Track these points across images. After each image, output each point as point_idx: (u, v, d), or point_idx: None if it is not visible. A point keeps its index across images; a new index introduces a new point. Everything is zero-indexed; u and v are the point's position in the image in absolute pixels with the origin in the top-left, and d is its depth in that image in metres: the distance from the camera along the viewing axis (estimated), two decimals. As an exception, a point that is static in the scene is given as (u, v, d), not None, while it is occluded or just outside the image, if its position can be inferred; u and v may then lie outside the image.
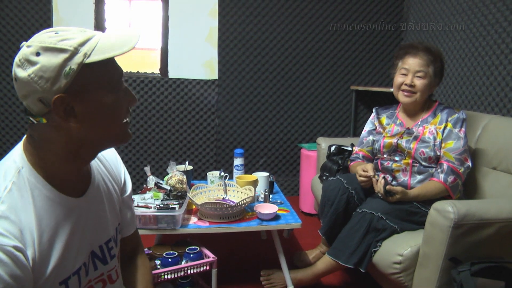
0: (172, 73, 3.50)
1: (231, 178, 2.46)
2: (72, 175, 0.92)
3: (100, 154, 1.06)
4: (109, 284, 1.05)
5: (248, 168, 3.65)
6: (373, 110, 2.32)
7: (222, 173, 2.36)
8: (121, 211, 1.13)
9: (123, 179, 1.14)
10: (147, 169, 2.29)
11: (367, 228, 1.89)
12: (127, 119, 0.94)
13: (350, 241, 1.92)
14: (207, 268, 1.93)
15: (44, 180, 0.85)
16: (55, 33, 0.81)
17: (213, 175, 2.42)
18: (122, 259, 1.20)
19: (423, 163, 2.00)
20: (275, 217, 2.05)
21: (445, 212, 1.56)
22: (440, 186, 1.93)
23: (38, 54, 0.79)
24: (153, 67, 3.66)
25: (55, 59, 0.78)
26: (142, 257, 1.27)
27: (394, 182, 2.06)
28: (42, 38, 0.80)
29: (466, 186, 2.10)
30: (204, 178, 3.42)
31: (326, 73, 3.65)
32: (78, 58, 0.80)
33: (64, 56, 0.79)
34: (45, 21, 3.37)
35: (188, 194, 2.07)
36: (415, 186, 2.01)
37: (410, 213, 1.93)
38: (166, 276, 1.82)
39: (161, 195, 2.05)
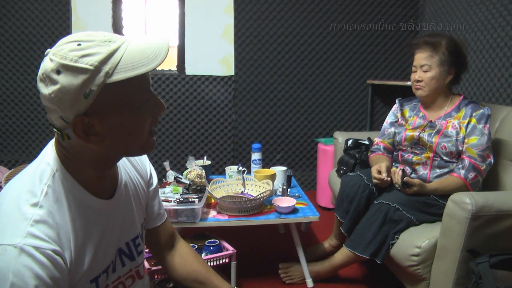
0: (189, 70, 3.54)
1: (248, 172, 2.49)
2: (101, 178, 0.92)
3: None
4: (138, 280, 1.09)
5: (266, 163, 3.68)
6: (396, 101, 2.31)
7: (240, 168, 2.39)
8: (148, 203, 1.16)
9: (149, 172, 1.15)
10: (166, 164, 2.33)
11: (384, 219, 1.90)
12: (154, 128, 0.92)
13: (367, 232, 1.93)
14: (227, 260, 1.97)
15: (77, 183, 0.86)
16: (78, 45, 0.76)
17: (231, 169, 2.45)
18: (162, 250, 1.24)
19: (444, 158, 1.99)
20: (293, 211, 2.07)
21: (462, 203, 1.56)
22: (459, 182, 1.92)
23: (58, 72, 0.75)
24: (170, 64, 3.70)
25: (75, 80, 0.74)
26: (183, 242, 1.29)
27: (413, 175, 2.06)
28: (64, 51, 0.76)
29: (485, 178, 2.08)
30: (222, 173, 3.46)
31: (342, 67, 3.65)
32: (99, 79, 0.75)
33: (84, 77, 0.74)
34: (64, 21, 3.44)
35: (207, 188, 2.10)
36: (434, 180, 2.00)
37: (427, 205, 1.93)
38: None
39: (180, 189, 2.08)
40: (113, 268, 0.98)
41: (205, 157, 2.60)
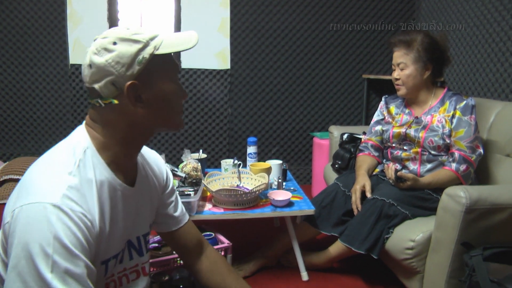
0: (185, 64, 3.53)
1: (244, 166, 2.49)
2: (126, 162, 0.98)
3: (143, 153, 1.13)
4: (142, 276, 1.10)
5: (261, 157, 3.68)
6: (383, 98, 2.33)
7: (236, 161, 2.39)
8: (161, 207, 1.19)
9: (165, 176, 1.20)
10: (162, 157, 2.32)
11: (379, 215, 1.91)
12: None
13: (362, 228, 1.94)
14: (222, 253, 1.97)
15: (104, 163, 0.92)
16: (127, 29, 0.91)
17: (226, 163, 2.45)
18: (189, 255, 1.26)
19: (432, 152, 2.01)
20: (289, 204, 2.08)
21: (457, 197, 1.57)
22: (451, 175, 1.94)
23: (115, 43, 0.88)
24: (166, 58, 3.69)
25: (131, 48, 0.88)
26: (212, 249, 1.31)
27: (404, 171, 2.07)
28: (117, 30, 0.91)
29: (479, 173, 2.10)
30: (217, 166, 3.46)
31: (338, 62, 3.65)
32: (149, 49, 0.89)
33: (138, 46, 0.89)
34: (60, 14, 3.42)
35: (202, 181, 2.10)
36: (425, 174, 2.02)
37: (421, 199, 1.94)
38: (181, 261, 1.86)
39: (176, 182, 2.08)
40: (121, 258, 1.01)
41: (201, 150, 2.60)
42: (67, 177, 0.84)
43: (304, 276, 2.13)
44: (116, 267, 1.00)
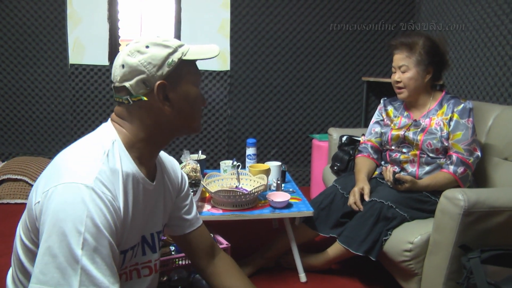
0: (185, 64, 3.53)
1: (243, 167, 2.50)
2: (148, 160, 1.03)
3: (161, 156, 1.17)
4: (154, 273, 1.13)
5: (260, 158, 3.69)
6: (381, 100, 2.33)
7: (235, 162, 2.39)
8: (178, 209, 1.23)
9: (180, 181, 1.24)
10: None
11: (377, 217, 1.91)
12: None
13: (361, 230, 1.95)
14: (221, 254, 1.97)
15: (130, 157, 0.97)
16: (157, 36, 1.01)
17: (226, 164, 2.45)
18: (201, 258, 1.28)
19: (431, 155, 2.02)
20: (288, 205, 2.08)
21: (455, 199, 1.57)
22: (449, 177, 1.94)
23: (147, 47, 0.97)
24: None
25: (162, 51, 0.97)
26: (224, 253, 1.34)
27: (403, 173, 2.07)
28: (148, 37, 1.00)
29: (477, 176, 2.10)
30: (216, 167, 3.45)
31: (338, 64, 3.65)
32: (178, 54, 0.99)
33: (168, 50, 0.98)
34: (60, 14, 3.42)
35: (201, 182, 2.10)
36: (423, 177, 2.02)
37: (420, 201, 1.95)
38: (180, 262, 1.86)
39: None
40: (135, 253, 1.04)
41: (200, 151, 2.60)
42: (97, 163, 0.89)
43: (302, 277, 2.13)
44: (130, 260, 1.03)
